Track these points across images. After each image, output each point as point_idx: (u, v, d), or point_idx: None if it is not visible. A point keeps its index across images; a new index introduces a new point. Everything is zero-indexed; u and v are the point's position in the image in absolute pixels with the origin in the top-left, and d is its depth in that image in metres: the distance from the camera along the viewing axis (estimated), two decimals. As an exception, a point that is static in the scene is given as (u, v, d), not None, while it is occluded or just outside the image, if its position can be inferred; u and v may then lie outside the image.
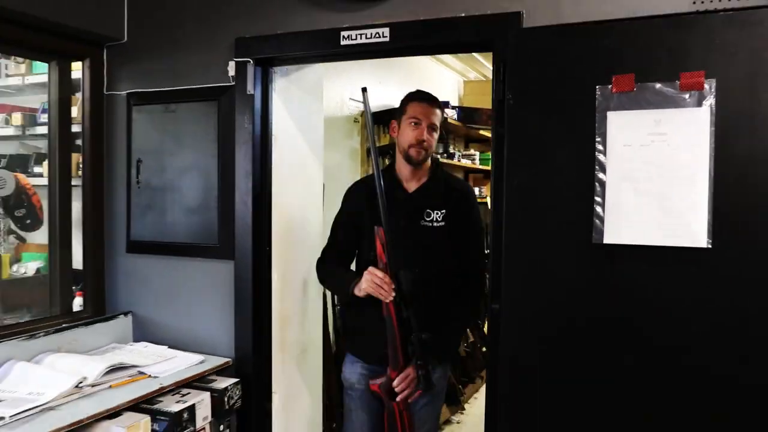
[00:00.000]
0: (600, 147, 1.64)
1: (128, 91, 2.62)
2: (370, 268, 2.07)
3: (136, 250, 2.64)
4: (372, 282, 2.05)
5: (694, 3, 1.79)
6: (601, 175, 1.64)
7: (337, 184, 3.12)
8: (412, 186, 2.27)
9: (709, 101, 1.55)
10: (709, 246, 1.54)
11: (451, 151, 4.80)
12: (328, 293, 3.23)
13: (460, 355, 4.35)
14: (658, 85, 1.60)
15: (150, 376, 2.24)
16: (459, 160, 4.97)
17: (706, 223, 1.54)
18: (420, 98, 2.23)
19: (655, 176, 1.59)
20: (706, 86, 1.55)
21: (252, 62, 2.38)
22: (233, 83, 2.41)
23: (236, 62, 2.39)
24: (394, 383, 2.10)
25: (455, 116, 4.64)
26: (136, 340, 2.63)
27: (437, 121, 2.22)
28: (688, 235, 1.55)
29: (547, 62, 1.75)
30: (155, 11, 2.58)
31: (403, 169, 2.26)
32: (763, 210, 1.52)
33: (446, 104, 4.28)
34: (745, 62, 1.56)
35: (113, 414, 2.00)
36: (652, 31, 1.64)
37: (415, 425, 2.20)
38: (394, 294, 2.03)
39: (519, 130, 1.76)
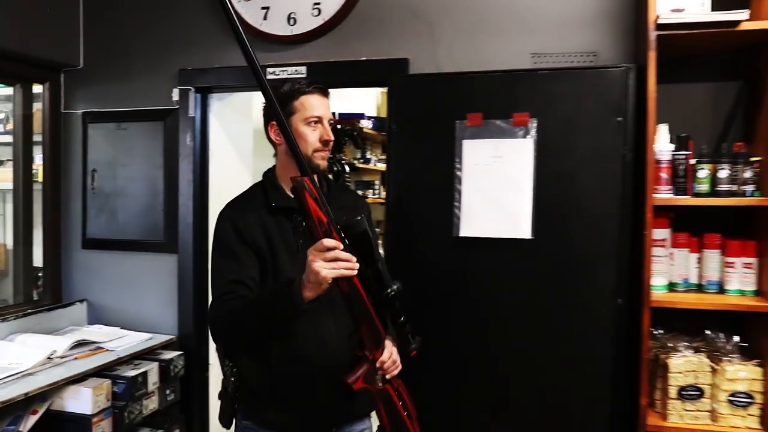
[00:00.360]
0: (458, 165, 2.23)
1: (84, 111, 3.07)
2: (314, 247, 1.51)
3: (91, 246, 3.08)
4: (329, 261, 1.49)
5: (535, 63, 2.44)
6: (458, 186, 2.23)
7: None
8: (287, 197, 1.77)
9: (533, 134, 2.16)
10: (532, 238, 2.16)
11: (368, 156, 5.35)
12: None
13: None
14: (498, 122, 2.20)
15: (108, 350, 2.70)
16: (375, 165, 5.54)
17: (530, 221, 2.16)
18: (315, 89, 1.78)
19: (496, 187, 2.19)
20: (530, 123, 2.17)
21: (193, 90, 2.88)
22: (177, 107, 2.90)
23: (180, 89, 2.89)
24: (383, 363, 1.67)
25: (371, 126, 5.16)
26: (91, 323, 3.08)
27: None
28: (518, 229, 2.16)
29: (422, 101, 2.34)
30: (108, 42, 3.04)
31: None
32: (569, 212, 2.15)
33: (362, 116, 4.80)
34: (559, 106, 2.17)
35: (80, 379, 2.47)
36: (496, 81, 2.25)
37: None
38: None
39: (400, 152, 2.34)
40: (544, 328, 2.18)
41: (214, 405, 3.06)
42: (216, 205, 3.04)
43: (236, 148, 3.26)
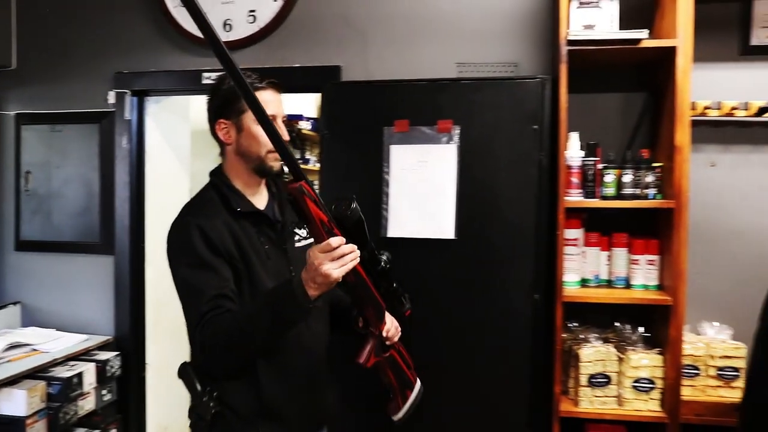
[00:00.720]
0: (386, 170, 2.35)
1: (17, 112, 3.06)
2: (319, 248, 1.43)
3: (25, 248, 3.07)
4: (337, 260, 1.43)
5: (460, 72, 2.59)
6: (386, 189, 2.34)
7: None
8: (260, 202, 1.74)
9: (456, 140, 2.30)
10: (455, 238, 2.29)
11: (307, 156, 5.41)
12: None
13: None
14: (424, 128, 2.33)
15: (43, 351, 2.71)
16: (314, 165, 5.60)
17: (453, 222, 2.29)
18: (269, 84, 1.69)
19: (422, 190, 2.31)
20: (454, 130, 2.30)
21: (129, 93, 2.91)
22: (113, 109, 2.93)
23: (116, 92, 2.92)
24: (388, 333, 1.71)
25: (310, 127, 5.20)
26: (25, 326, 3.07)
27: None
28: (442, 230, 2.29)
29: (353, 108, 2.44)
30: (42, 43, 3.04)
31: (247, 182, 1.71)
32: (489, 214, 2.29)
33: (300, 117, 4.85)
34: (480, 114, 2.31)
35: (14, 381, 2.48)
36: (422, 89, 2.37)
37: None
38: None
39: (332, 156, 2.44)
40: (467, 323, 2.32)
41: (152, 404, 3.10)
42: (153, 206, 3.08)
43: (174, 150, 3.30)
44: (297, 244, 1.75)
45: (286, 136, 1.57)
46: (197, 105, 3.79)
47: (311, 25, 2.77)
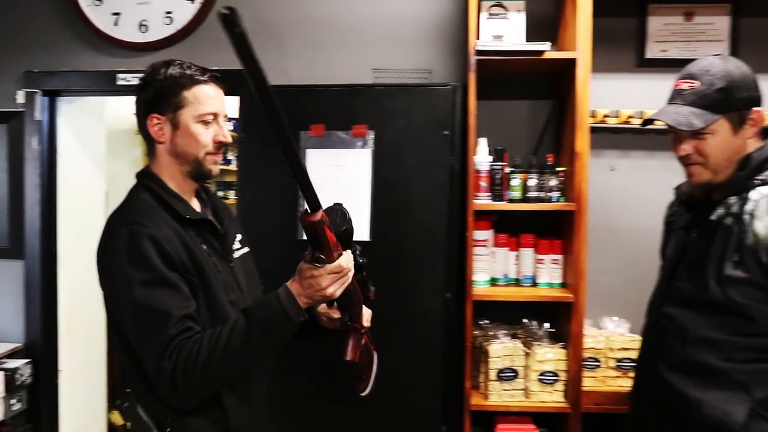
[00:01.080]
0: (303, 173, 2.39)
1: None
2: (330, 269, 1.38)
3: (-73, 252, 2.94)
4: (343, 278, 1.42)
5: (376, 78, 2.65)
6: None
7: (121, 191, 3.64)
8: (196, 208, 1.58)
9: (370, 145, 2.36)
10: (370, 240, 2.35)
11: (229, 157, 5.37)
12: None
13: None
14: (339, 133, 2.38)
15: (-55, 360, 2.61)
16: (236, 166, 5.57)
17: (368, 224, 2.35)
18: (211, 78, 1.53)
19: (338, 193, 2.37)
20: (368, 135, 2.37)
21: (40, 93, 2.83)
22: (23, 109, 2.84)
23: (26, 92, 2.83)
24: (366, 323, 1.75)
25: (232, 128, 5.19)
26: (-75, 334, 2.94)
27: None
28: (358, 232, 2.35)
29: (270, 112, 2.46)
30: (-56, 40, 2.91)
31: (181, 186, 1.54)
32: (403, 216, 2.36)
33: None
34: (394, 120, 2.38)
35: None
36: (338, 95, 2.43)
37: None
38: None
39: (249, 159, 2.47)
40: (381, 322, 2.37)
41: (64, 413, 3.03)
42: (67, 209, 3.00)
43: (88, 151, 3.23)
44: (236, 255, 1.62)
45: (227, 138, 1.51)
46: (113, 106, 3.72)
47: (230, 28, 2.76)
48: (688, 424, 1.59)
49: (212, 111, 1.49)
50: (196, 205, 1.58)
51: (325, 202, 2.39)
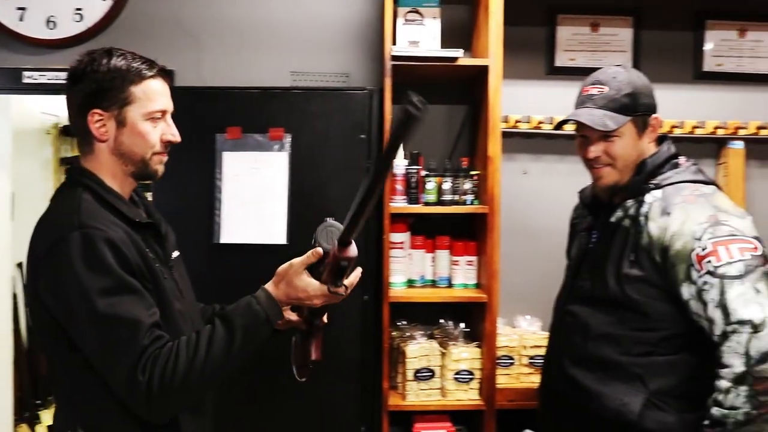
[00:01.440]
0: (218, 176, 2.36)
1: None
2: (324, 288, 1.38)
3: None
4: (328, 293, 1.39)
5: (294, 81, 2.65)
6: (219, 196, 2.36)
7: (29, 192, 3.51)
8: (140, 211, 1.48)
9: (287, 148, 2.36)
10: (287, 243, 2.35)
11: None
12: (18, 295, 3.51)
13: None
14: (256, 136, 2.37)
15: None
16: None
17: (285, 227, 2.35)
18: (159, 72, 1.43)
19: (255, 197, 2.35)
20: (285, 138, 2.36)
21: (-64, 90, 2.68)
22: None
23: None
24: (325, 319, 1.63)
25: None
26: None
27: None
28: (274, 236, 2.35)
29: (186, 114, 2.41)
30: None
31: (122, 187, 1.43)
32: (320, 219, 2.35)
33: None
34: (311, 123, 2.39)
35: None
36: (255, 97, 2.41)
37: None
38: None
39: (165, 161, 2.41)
40: (299, 325, 2.38)
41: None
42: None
43: (-8, 152, 3.09)
44: (173, 259, 1.53)
45: (176, 137, 1.44)
46: (19, 104, 3.57)
47: (143, 27, 2.70)
48: (590, 416, 1.68)
49: (161, 108, 1.41)
50: (134, 203, 1.49)
51: (243, 205, 2.40)
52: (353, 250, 1.29)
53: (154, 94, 1.39)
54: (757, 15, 2.75)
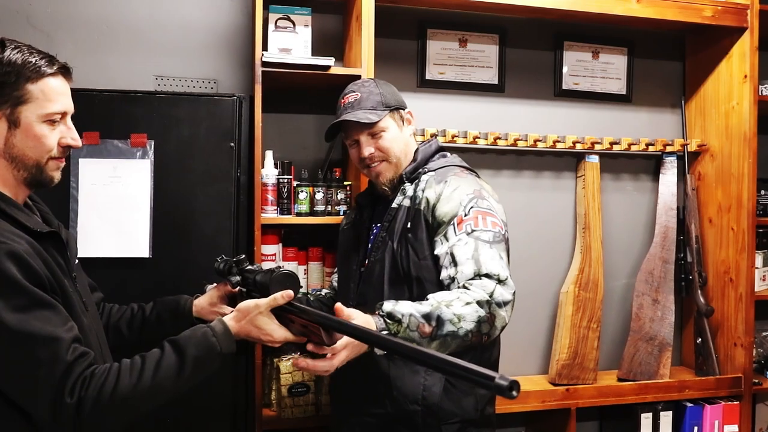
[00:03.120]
0: (74, 185, 2.18)
1: None
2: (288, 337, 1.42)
3: None
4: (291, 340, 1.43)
5: (159, 86, 2.52)
6: (74, 206, 2.18)
7: None
8: (38, 220, 1.37)
9: (150, 155, 2.23)
10: (150, 256, 2.21)
11: None
12: None
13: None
14: (116, 142, 2.21)
15: None
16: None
17: (148, 239, 2.21)
18: (60, 70, 1.33)
19: (114, 207, 2.20)
20: (148, 145, 2.23)
21: None
22: None
23: None
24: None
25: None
26: None
27: None
28: (136, 248, 2.20)
29: (34, 116, 2.23)
30: None
31: (15, 195, 1.33)
32: (186, 230, 2.25)
33: None
34: (177, 130, 2.27)
35: None
36: (115, 101, 2.26)
37: None
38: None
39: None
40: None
41: None
42: None
43: None
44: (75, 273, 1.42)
45: (77, 141, 1.34)
46: None
47: (-18, 21, 2.47)
48: (392, 402, 1.74)
49: (61, 110, 1.30)
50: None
51: (101, 216, 2.22)
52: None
53: (53, 94, 1.28)
54: (609, 39, 2.95)
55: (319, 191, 2.37)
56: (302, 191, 2.36)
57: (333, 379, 1.96)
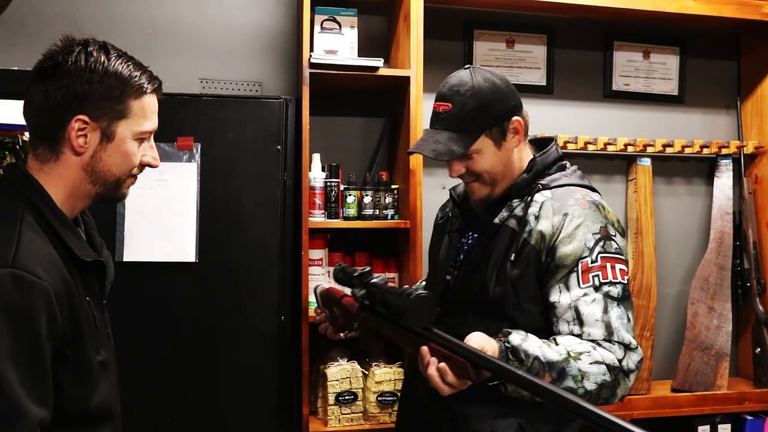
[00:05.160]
0: (120, 188, 2.16)
1: None
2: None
3: None
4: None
5: (204, 89, 2.50)
6: (121, 210, 2.16)
7: None
8: (85, 243, 1.27)
9: (197, 158, 2.20)
10: (197, 261, 2.18)
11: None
12: None
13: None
14: (163, 145, 2.19)
15: None
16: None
17: (195, 244, 2.18)
18: (156, 91, 1.31)
19: (162, 210, 2.17)
20: (195, 148, 2.20)
21: None
22: None
23: None
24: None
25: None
26: None
27: None
28: (183, 253, 2.17)
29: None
30: None
31: (74, 208, 1.24)
32: (232, 235, 2.22)
33: (25, 127, 4.35)
34: (223, 133, 2.24)
35: None
36: (161, 104, 2.22)
37: None
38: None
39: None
40: (212, 348, 2.22)
41: None
42: None
43: None
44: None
45: (157, 161, 1.29)
46: None
47: (34, 25, 2.46)
48: None
49: (152, 129, 1.26)
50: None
51: (148, 220, 2.19)
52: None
53: (149, 112, 1.24)
54: (660, 38, 2.86)
55: (367, 195, 2.32)
56: (350, 195, 2.31)
57: (401, 400, 1.84)
